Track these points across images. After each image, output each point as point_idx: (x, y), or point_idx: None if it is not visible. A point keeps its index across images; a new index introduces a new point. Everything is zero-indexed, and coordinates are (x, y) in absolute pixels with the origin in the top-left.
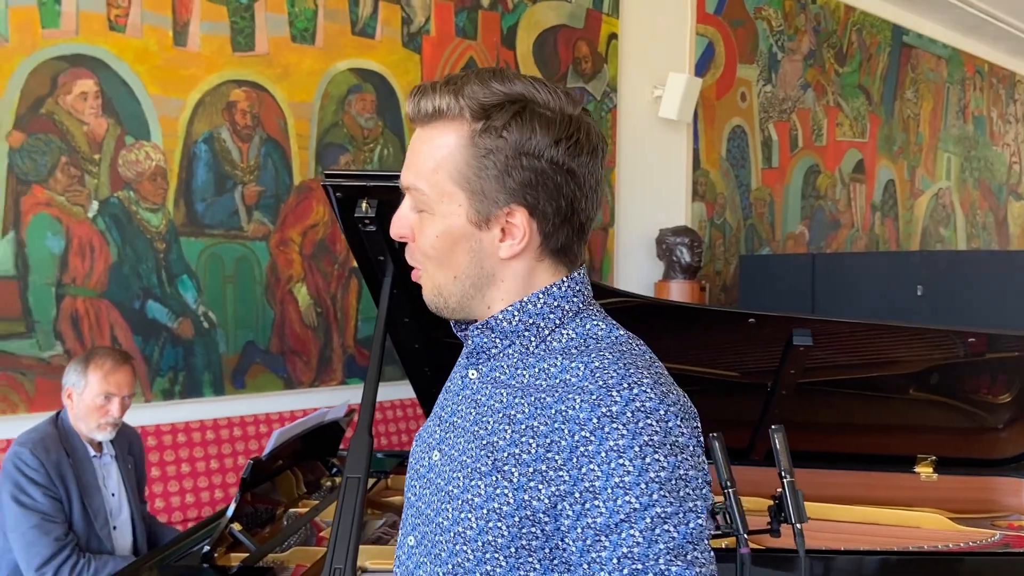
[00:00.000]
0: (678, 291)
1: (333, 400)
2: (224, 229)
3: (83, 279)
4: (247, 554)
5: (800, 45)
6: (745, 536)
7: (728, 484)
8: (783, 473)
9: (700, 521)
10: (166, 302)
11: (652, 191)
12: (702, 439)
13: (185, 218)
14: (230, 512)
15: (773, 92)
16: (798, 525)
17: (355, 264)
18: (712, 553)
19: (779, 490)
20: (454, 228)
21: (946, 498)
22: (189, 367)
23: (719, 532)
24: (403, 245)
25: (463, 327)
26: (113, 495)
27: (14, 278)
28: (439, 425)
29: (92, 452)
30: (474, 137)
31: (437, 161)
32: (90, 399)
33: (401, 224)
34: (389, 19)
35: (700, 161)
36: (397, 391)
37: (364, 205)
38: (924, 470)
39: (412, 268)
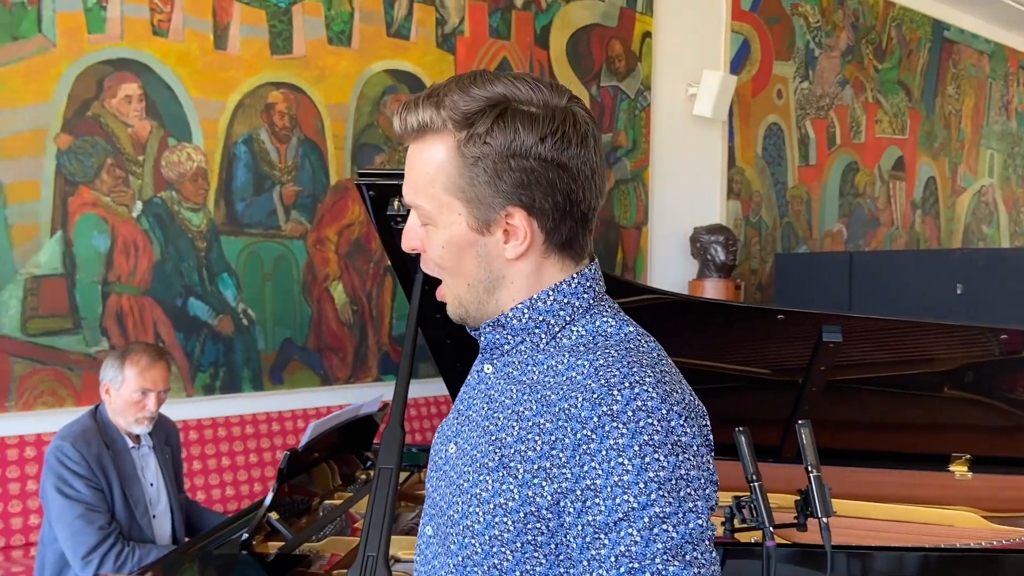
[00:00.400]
0: (713, 290)
1: (368, 396)
2: (263, 228)
3: (128, 277)
4: (284, 542)
5: (838, 41)
6: (771, 530)
7: (754, 478)
8: (809, 467)
9: (700, 522)
10: (207, 299)
11: (686, 189)
12: (711, 438)
13: (225, 217)
14: (268, 501)
15: (810, 89)
16: (824, 519)
17: (390, 263)
18: (714, 554)
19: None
20: (457, 237)
21: (981, 497)
22: (229, 363)
23: (745, 525)
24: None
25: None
26: (152, 485)
27: (62, 276)
28: (457, 419)
29: (130, 444)
30: (460, 147)
31: (430, 175)
32: (127, 394)
33: (411, 237)
34: (423, 20)
35: (735, 159)
36: (431, 388)
37: (396, 203)
38: (959, 468)
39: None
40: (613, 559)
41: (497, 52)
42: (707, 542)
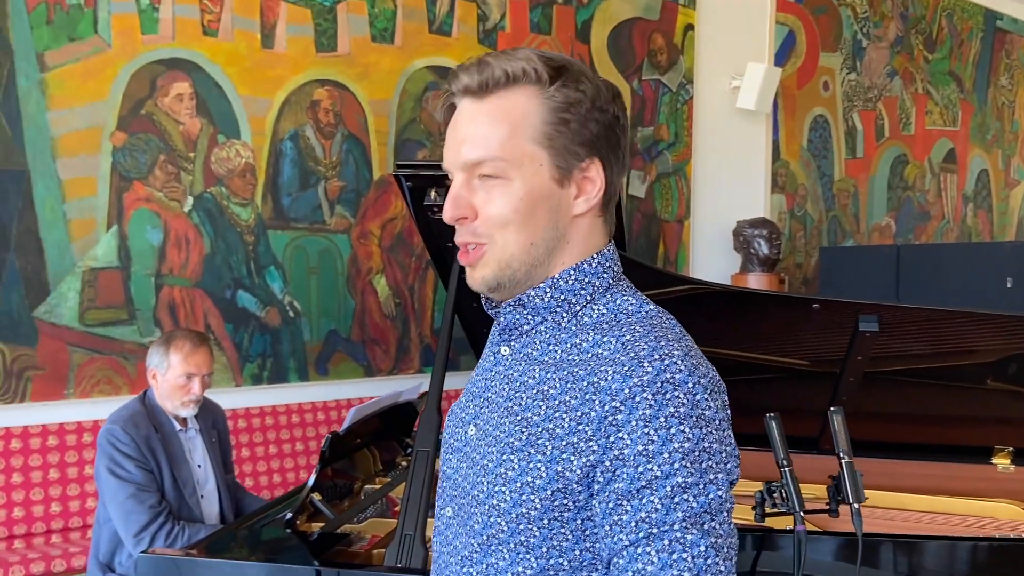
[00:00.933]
0: (756, 284)
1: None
2: (308, 222)
3: (179, 269)
4: (326, 522)
5: (887, 32)
6: (802, 515)
7: (784, 463)
8: (841, 454)
9: (720, 493)
10: (255, 292)
11: (729, 183)
12: (729, 414)
13: (272, 212)
14: (311, 483)
15: (858, 80)
16: (856, 505)
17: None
18: (732, 527)
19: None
20: (537, 189)
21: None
22: (276, 354)
23: (776, 511)
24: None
25: (493, 305)
26: (199, 466)
27: (118, 268)
28: (472, 401)
29: (178, 427)
30: (552, 95)
31: (513, 126)
32: (173, 379)
33: (458, 205)
34: (465, 17)
35: (780, 152)
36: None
37: (433, 194)
38: (1001, 461)
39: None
40: (634, 524)
41: (538, 47)
42: (725, 513)
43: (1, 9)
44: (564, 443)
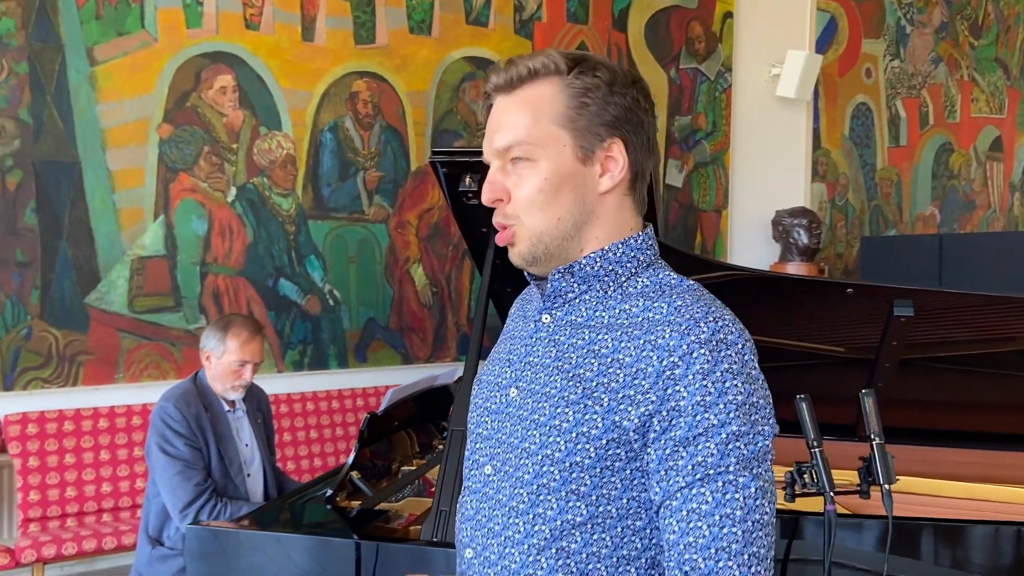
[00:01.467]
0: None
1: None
2: (347, 212)
3: (223, 258)
4: (365, 500)
5: (931, 18)
6: (832, 495)
7: (815, 444)
8: (872, 435)
9: (767, 443)
10: (296, 280)
11: (768, 172)
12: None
13: (312, 202)
14: (350, 461)
15: (901, 67)
16: (886, 486)
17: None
18: (773, 473)
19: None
20: (562, 168)
21: None
22: (317, 341)
23: (806, 491)
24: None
25: (536, 277)
26: (246, 446)
27: (164, 257)
28: (510, 367)
29: (226, 408)
30: (571, 82)
31: (537, 112)
32: (227, 364)
33: (494, 188)
34: (502, 7)
35: (821, 140)
36: None
37: (467, 179)
38: None
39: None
40: (690, 467)
41: (575, 36)
42: (769, 462)
43: (52, 5)
44: (620, 395)
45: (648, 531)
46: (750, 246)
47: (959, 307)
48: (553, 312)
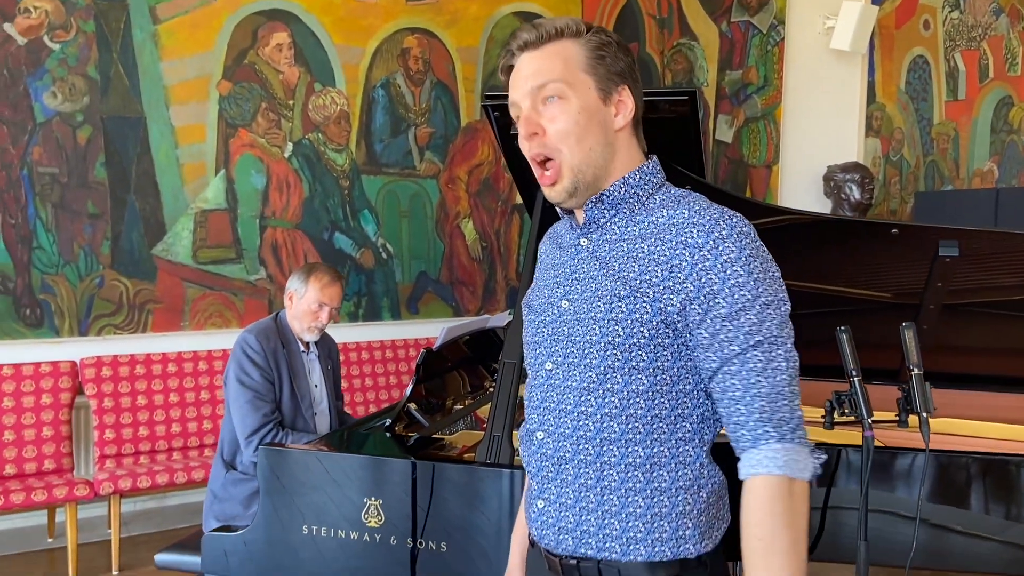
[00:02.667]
0: None
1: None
2: (399, 168)
3: (281, 212)
4: (421, 430)
5: None
6: (869, 421)
7: (854, 373)
8: (911, 366)
9: (788, 307)
10: (350, 234)
11: (821, 127)
12: None
13: (365, 158)
14: (408, 393)
15: (961, 19)
16: (924, 414)
17: (517, 201)
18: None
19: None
20: (590, 104)
21: None
22: (370, 293)
23: (845, 418)
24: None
25: (568, 211)
26: (316, 387)
27: (225, 211)
28: (558, 286)
29: (301, 348)
30: (589, 40)
31: (566, 59)
32: (306, 305)
33: (530, 124)
34: None
35: (875, 94)
36: None
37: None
38: None
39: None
40: (740, 337)
41: None
42: (791, 326)
43: None
44: (662, 287)
45: (696, 392)
46: (800, 202)
47: (1006, 251)
48: (590, 236)
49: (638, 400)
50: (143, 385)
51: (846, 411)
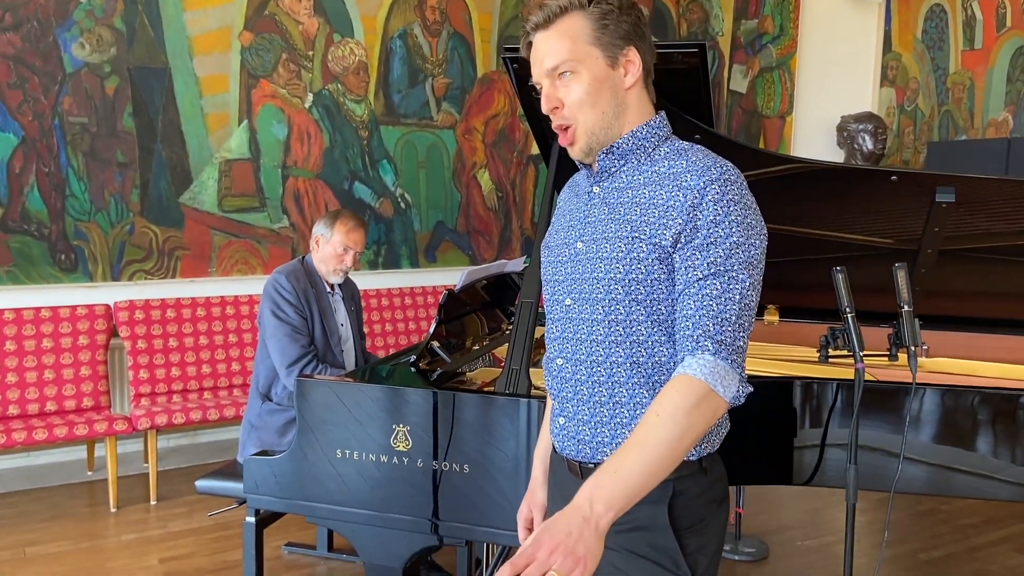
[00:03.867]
0: None
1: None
2: (417, 119)
3: (302, 162)
4: (444, 365)
5: None
6: (861, 355)
7: (847, 310)
8: (901, 303)
9: (758, 252)
10: (369, 184)
11: (835, 76)
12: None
13: (384, 108)
14: (431, 331)
15: None
16: (912, 348)
17: (532, 152)
18: (762, 275)
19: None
20: (598, 74)
21: None
22: (390, 242)
23: (839, 352)
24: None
25: (586, 164)
26: (342, 325)
27: (249, 160)
28: (572, 228)
29: (327, 289)
30: (592, 11)
31: (572, 37)
32: (332, 248)
33: (550, 99)
34: None
35: (892, 43)
36: None
37: None
38: None
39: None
40: (705, 265)
41: None
42: (760, 267)
43: None
44: (658, 225)
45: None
46: (813, 152)
47: (1003, 197)
48: (602, 184)
49: (639, 328)
50: (174, 328)
51: (840, 345)
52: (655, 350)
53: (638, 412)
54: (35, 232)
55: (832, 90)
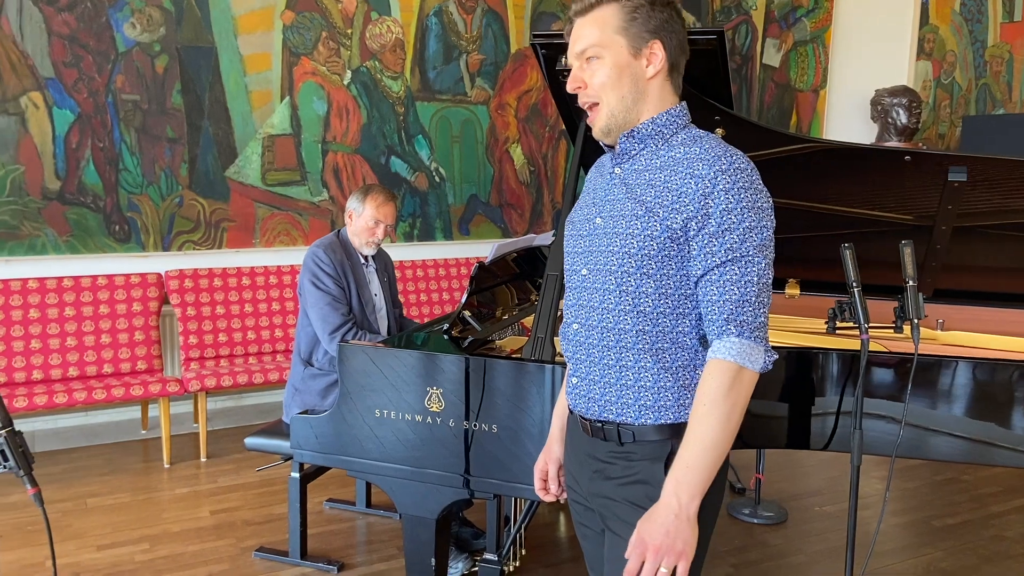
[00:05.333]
0: None
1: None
2: (451, 94)
3: (341, 137)
4: (475, 333)
5: None
6: (866, 326)
7: (854, 285)
8: (906, 279)
9: (770, 234)
10: (405, 158)
11: (871, 50)
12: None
13: (420, 84)
14: (463, 301)
15: None
16: (915, 320)
17: (564, 127)
18: (774, 255)
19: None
20: (620, 60)
21: None
22: (424, 215)
23: (846, 324)
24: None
25: (609, 145)
26: (376, 295)
27: (290, 135)
28: (593, 205)
29: (362, 261)
30: (625, 4)
31: (602, 25)
32: (364, 222)
33: (575, 79)
34: None
35: (929, 16)
36: None
37: (563, 59)
38: None
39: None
40: (722, 252)
41: None
42: (771, 247)
43: None
44: (670, 208)
45: (693, 295)
46: (846, 126)
47: (1016, 176)
48: (622, 165)
49: (647, 299)
50: (221, 296)
51: (847, 317)
52: (659, 321)
53: (641, 375)
54: (91, 204)
55: (867, 63)
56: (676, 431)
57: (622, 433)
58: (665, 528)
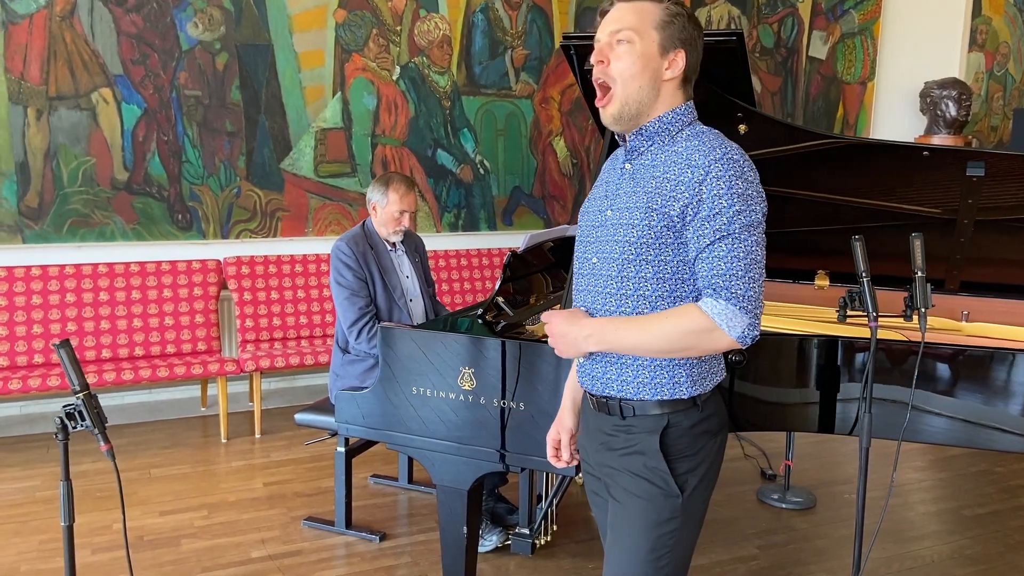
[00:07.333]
0: None
1: None
2: (496, 89)
3: (390, 130)
4: (508, 318)
5: None
6: (875, 315)
7: (864, 275)
8: (916, 269)
9: (757, 217)
10: (451, 151)
11: (921, 41)
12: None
13: (466, 79)
14: (497, 287)
15: None
16: (923, 309)
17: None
18: (764, 236)
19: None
20: (648, 52)
21: None
22: (469, 206)
23: (857, 312)
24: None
25: (622, 138)
26: (407, 277)
27: (342, 129)
28: (605, 199)
29: (389, 248)
30: (668, 7)
31: (643, 15)
32: (389, 212)
33: (601, 53)
34: None
35: (981, 7)
36: None
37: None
38: None
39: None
40: (712, 231)
41: None
42: (761, 229)
43: None
44: (668, 197)
45: (690, 281)
46: (895, 119)
47: None
48: (632, 161)
49: (646, 285)
50: (275, 282)
51: (857, 306)
52: (658, 304)
53: (637, 356)
54: (156, 194)
55: (917, 55)
56: (673, 406)
57: (624, 408)
58: (571, 333)
